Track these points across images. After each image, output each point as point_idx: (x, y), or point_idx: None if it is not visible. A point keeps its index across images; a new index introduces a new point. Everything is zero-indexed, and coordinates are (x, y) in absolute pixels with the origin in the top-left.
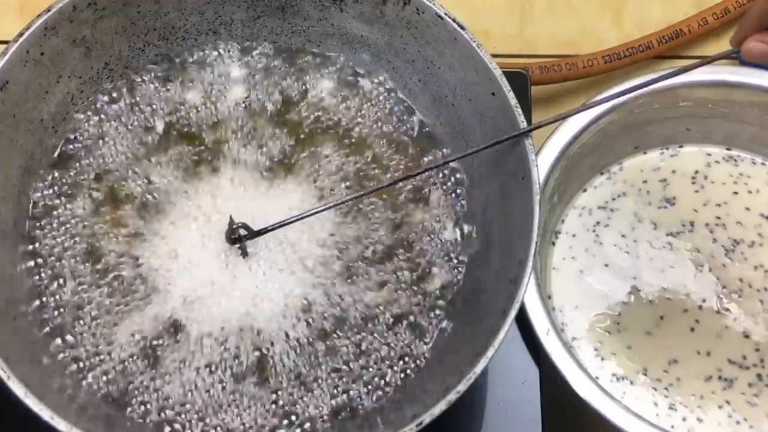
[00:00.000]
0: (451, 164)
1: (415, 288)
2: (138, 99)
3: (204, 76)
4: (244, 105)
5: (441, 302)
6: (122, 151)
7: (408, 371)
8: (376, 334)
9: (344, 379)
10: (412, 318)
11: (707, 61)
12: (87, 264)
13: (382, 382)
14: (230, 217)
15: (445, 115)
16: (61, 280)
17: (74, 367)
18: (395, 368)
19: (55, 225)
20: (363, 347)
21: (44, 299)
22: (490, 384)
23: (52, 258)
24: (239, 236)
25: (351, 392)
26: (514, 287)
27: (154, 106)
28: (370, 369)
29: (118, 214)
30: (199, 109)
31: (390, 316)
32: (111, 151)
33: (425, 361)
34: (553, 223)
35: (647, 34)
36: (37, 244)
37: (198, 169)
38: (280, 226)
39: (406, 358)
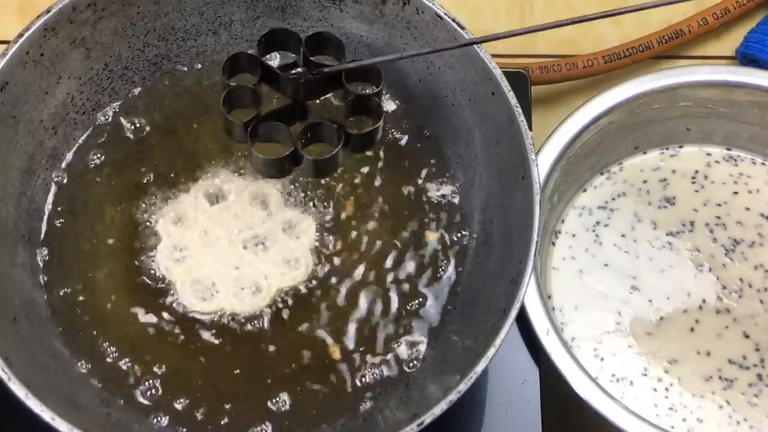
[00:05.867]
0: (452, 165)
1: (415, 288)
2: None
3: None
4: None
5: (441, 302)
6: None
7: (409, 370)
8: (377, 335)
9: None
10: (412, 318)
11: None
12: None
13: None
14: None
15: (445, 115)
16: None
17: (75, 366)
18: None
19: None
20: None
21: (46, 299)
22: (490, 384)
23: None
24: None
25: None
26: (514, 287)
27: None
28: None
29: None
30: None
31: (391, 315)
32: None
33: (425, 361)
34: (553, 223)
35: (647, 34)
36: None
37: None
38: None
39: (407, 358)
